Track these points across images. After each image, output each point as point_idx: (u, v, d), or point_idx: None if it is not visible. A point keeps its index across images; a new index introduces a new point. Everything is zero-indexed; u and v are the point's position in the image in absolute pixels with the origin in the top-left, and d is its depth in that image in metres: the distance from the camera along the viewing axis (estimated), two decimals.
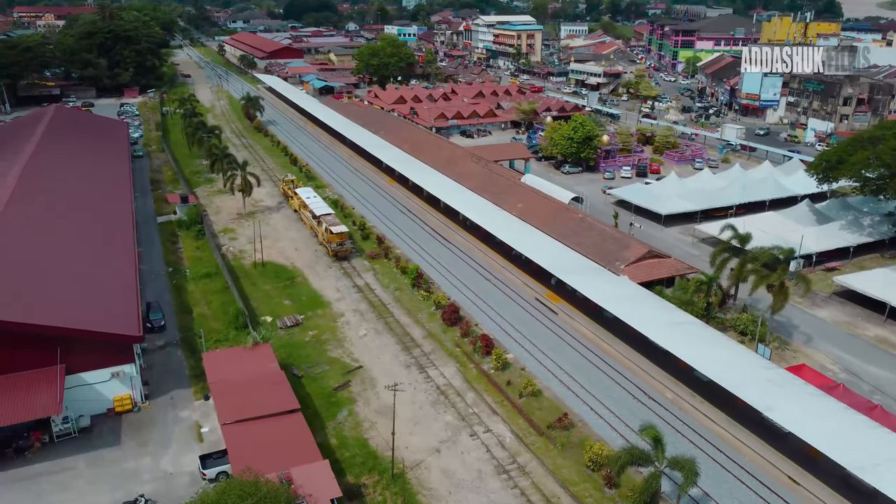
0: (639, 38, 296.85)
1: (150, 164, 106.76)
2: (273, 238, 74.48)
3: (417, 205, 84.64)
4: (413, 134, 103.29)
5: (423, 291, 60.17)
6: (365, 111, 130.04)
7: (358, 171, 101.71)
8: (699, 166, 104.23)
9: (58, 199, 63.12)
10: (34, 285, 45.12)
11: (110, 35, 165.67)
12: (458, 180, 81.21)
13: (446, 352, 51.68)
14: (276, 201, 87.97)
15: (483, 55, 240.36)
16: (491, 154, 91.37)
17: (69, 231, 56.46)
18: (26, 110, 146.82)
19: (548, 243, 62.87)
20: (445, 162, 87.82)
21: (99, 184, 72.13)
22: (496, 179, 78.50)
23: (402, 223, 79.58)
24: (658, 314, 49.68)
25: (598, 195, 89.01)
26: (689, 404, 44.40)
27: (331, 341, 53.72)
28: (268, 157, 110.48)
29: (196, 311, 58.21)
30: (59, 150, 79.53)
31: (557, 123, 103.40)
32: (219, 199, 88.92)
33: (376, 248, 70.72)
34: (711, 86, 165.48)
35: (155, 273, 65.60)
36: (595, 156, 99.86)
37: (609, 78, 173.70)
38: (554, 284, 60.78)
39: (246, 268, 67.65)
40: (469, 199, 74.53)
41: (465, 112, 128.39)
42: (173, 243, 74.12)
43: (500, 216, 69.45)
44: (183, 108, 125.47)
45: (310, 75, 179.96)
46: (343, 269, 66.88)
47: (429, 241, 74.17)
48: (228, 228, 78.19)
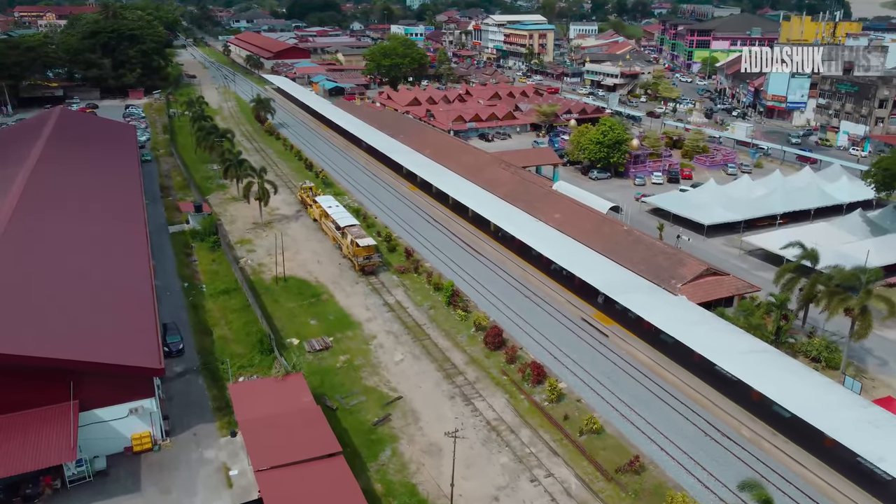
0: (649, 37, 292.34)
1: (158, 168, 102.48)
2: (293, 250, 70.13)
3: (443, 213, 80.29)
4: (434, 138, 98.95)
5: (460, 311, 55.82)
6: (380, 114, 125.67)
7: (376, 176, 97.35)
8: (732, 171, 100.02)
9: (65, 212, 58.78)
10: (41, 312, 40.78)
11: (114, 34, 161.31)
12: (486, 188, 76.85)
13: (493, 380, 47.32)
14: (294, 209, 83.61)
15: (493, 55, 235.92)
16: (517, 159, 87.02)
17: (78, 247, 52.10)
18: (29, 112, 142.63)
19: (593, 258, 58.53)
20: (471, 168, 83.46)
21: (108, 193, 67.78)
22: (528, 187, 74.15)
23: (428, 234, 75.20)
24: (726, 340, 45.35)
25: (630, 203, 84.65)
26: (769, 444, 40.03)
27: (365, 367, 49.37)
28: (281, 161, 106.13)
29: (216, 333, 53.88)
30: (65, 156, 75.19)
31: (584, 127, 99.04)
32: (233, 206, 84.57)
33: (405, 261, 66.35)
34: (732, 87, 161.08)
35: (169, 288, 61.27)
36: (625, 161, 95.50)
37: (626, 79, 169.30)
38: (601, 303, 56.47)
39: (266, 283, 63.29)
40: (501, 209, 70.19)
41: (483, 114, 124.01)
42: (187, 255, 69.80)
43: (537, 228, 65.11)
44: (191, 111, 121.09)
45: (319, 76, 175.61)
46: (371, 284, 62.52)
47: (459, 253, 69.82)
48: (245, 239, 73.83)
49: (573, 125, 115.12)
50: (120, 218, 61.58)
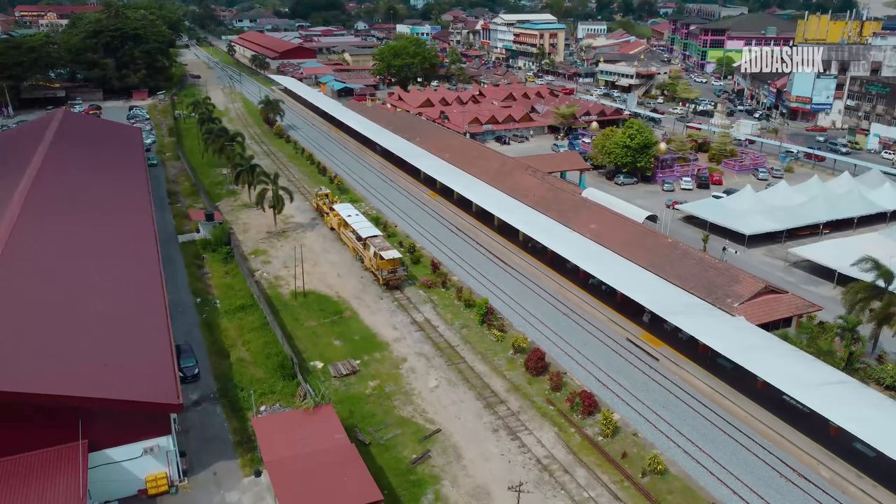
0: (658, 37, 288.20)
1: (165, 173, 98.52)
2: (311, 261, 66.09)
3: (467, 222, 76.27)
4: (452, 141, 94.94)
5: (495, 330, 51.82)
6: (393, 115, 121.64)
7: (394, 182, 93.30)
8: (763, 176, 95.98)
9: (69, 223, 54.89)
10: (45, 340, 36.82)
11: (117, 34, 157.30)
12: (513, 195, 72.86)
13: (538, 410, 43.33)
14: (309, 217, 79.60)
15: (502, 55, 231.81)
16: (542, 164, 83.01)
17: (85, 264, 48.19)
18: (30, 113, 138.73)
19: (636, 273, 54.52)
20: (496, 174, 79.45)
21: (115, 202, 63.86)
22: (558, 195, 70.16)
23: (453, 244, 71.16)
24: (794, 366, 41.33)
25: (661, 210, 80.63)
26: (855, 487, 36.05)
27: (397, 395, 45.39)
28: (292, 165, 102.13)
29: (233, 355, 49.89)
30: (69, 162, 71.32)
31: (609, 130, 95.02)
32: (245, 214, 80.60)
33: (431, 275, 62.31)
34: (752, 88, 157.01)
35: (181, 304, 57.29)
36: (652, 166, 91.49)
37: (641, 79, 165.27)
38: (647, 322, 52.50)
39: (285, 298, 59.29)
40: (532, 219, 66.20)
41: (499, 116, 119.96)
42: (199, 267, 65.85)
43: (573, 239, 61.11)
44: (198, 112, 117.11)
45: (327, 76, 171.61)
46: (396, 300, 58.51)
47: (487, 265, 65.80)
48: (260, 250, 69.84)
49: (595, 128, 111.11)
50: (128, 230, 57.67)
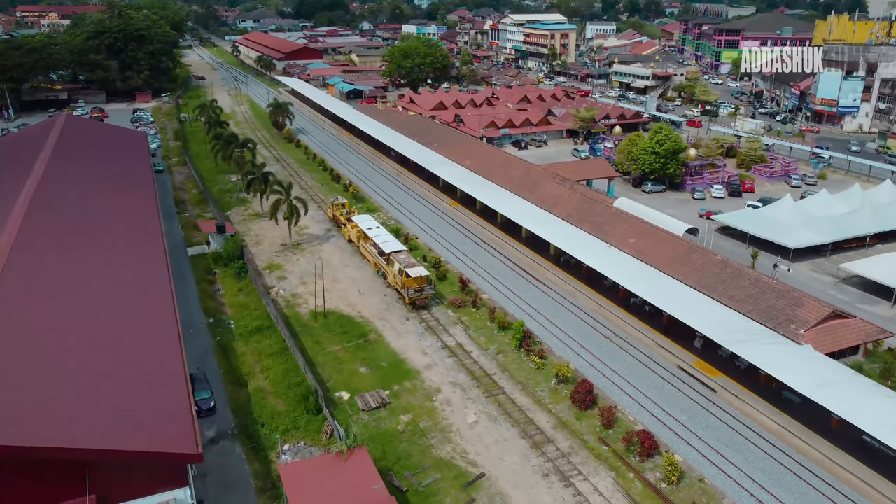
0: (668, 37, 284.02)
1: (171, 179, 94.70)
2: (329, 277, 62.04)
3: (493, 234, 72.24)
4: (472, 147, 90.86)
5: (534, 357, 47.79)
6: (406, 119, 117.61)
7: (411, 189, 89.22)
8: (796, 183, 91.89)
9: (73, 240, 50.94)
10: (45, 383, 32.76)
11: (120, 35, 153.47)
12: (543, 206, 68.81)
13: (590, 451, 39.28)
14: (324, 228, 75.60)
15: (511, 56, 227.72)
16: (569, 172, 78.93)
17: (90, 289, 44.12)
18: (31, 117, 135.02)
19: (685, 294, 50.49)
20: (521, 182, 75.40)
21: (121, 216, 59.82)
22: (592, 206, 66.09)
23: (480, 258, 67.11)
24: (874, 402, 37.29)
25: (693, 219, 76.65)
26: None
27: (433, 432, 41.37)
28: (304, 172, 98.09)
29: (252, 384, 45.94)
30: (72, 173, 67.27)
31: (635, 135, 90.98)
32: (256, 225, 76.63)
33: (460, 293, 58.29)
34: (772, 89, 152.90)
35: (193, 325, 53.33)
36: (682, 172, 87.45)
37: (658, 81, 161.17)
38: (699, 347, 48.49)
39: (303, 319, 55.29)
40: (565, 232, 62.15)
41: (516, 120, 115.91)
42: (210, 283, 61.91)
43: (613, 255, 57.06)
44: (205, 116, 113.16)
45: (335, 78, 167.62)
46: (424, 321, 54.49)
47: (518, 282, 61.74)
48: (274, 264, 65.83)
49: (618, 132, 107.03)
50: (137, 245, 53.64)
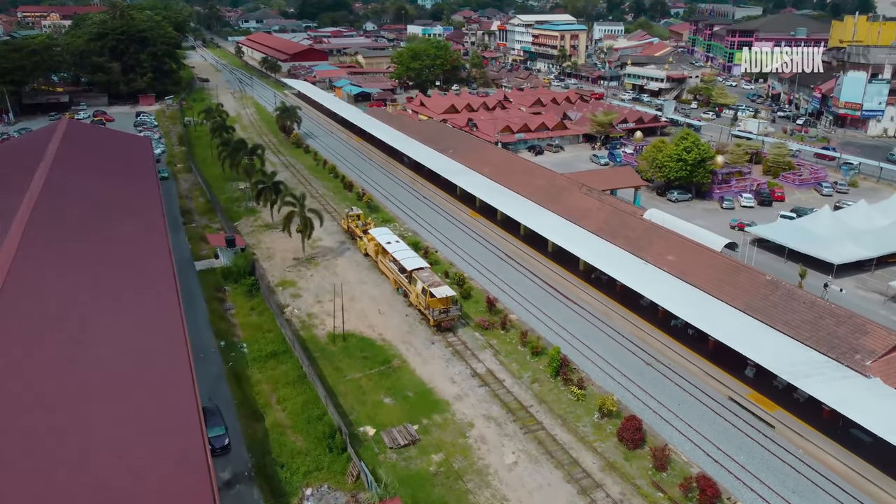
0: (677, 38, 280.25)
1: (177, 187, 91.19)
2: (347, 295, 58.43)
3: (516, 247, 68.64)
4: (490, 154, 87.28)
5: (573, 387, 44.22)
6: (419, 124, 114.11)
7: (427, 199, 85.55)
8: (828, 192, 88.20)
9: (76, 259, 47.46)
10: (43, 439, 29.23)
11: (123, 36, 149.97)
12: (570, 218, 65.24)
13: (646, 499, 35.68)
14: (338, 240, 72.05)
15: (520, 57, 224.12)
16: (594, 181, 75.33)
17: (93, 313, 40.65)
18: (32, 120, 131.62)
19: (733, 318, 46.93)
20: (545, 192, 71.81)
21: (126, 230, 56.35)
22: (624, 220, 62.50)
23: (506, 274, 63.48)
24: None
25: (724, 230, 73.07)
26: None
27: (468, 474, 37.79)
28: (314, 179, 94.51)
29: (269, 418, 42.43)
30: (73, 184, 63.80)
31: (659, 141, 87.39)
32: (267, 236, 73.11)
33: (487, 313, 54.72)
34: (790, 92, 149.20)
35: (203, 349, 49.83)
36: (710, 181, 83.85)
37: (672, 83, 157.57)
38: (750, 377, 44.94)
39: (322, 342, 51.75)
40: (598, 248, 58.58)
41: (532, 124, 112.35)
42: (221, 302, 58.41)
43: (651, 274, 53.51)
44: (210, 120, 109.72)
45: (342, 80, 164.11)
46: (450, 345, 50.94)
47: (548, 301, 58.09)
48: (288, 281, 62.28)
49: (639, 138, 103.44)
50: (143, 263, 50.21)
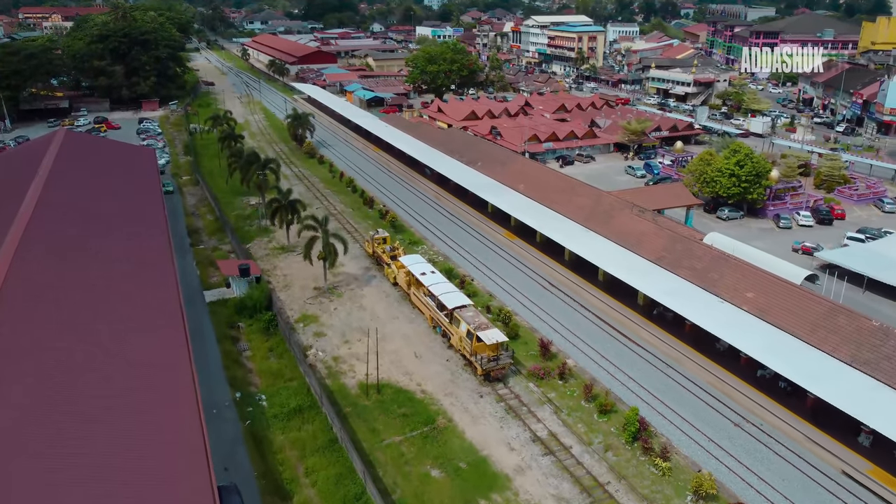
0: (693, 39, 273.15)
1: (183, 202, 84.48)
2: (372, 331, 51.56)
3: (562, 275, 61.53)
4: (524, 168, 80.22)
5: (657, 459, 37.24)
6: (442, 134, 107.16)
7: (456, 217, 78.48)
8: (890, 208, 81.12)
9: (67, 299, 40.56)
10: None
11: (125, 39, 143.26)
12: (624, 244, 58.24)
13: None
14: (362, 266, 65.13)
15: (535, 59, 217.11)
16: (642, 199, 68.29)
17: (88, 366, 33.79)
18: (30, 127, 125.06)
19: (839, 373, 39.97)
20: (591, 213, 64.81)
21: (128, 259, 49.48)
22: (687, 247, 55.44)
23: (555, 308, 56.25)
24: None
25: (786, 254, 66.14)
26: None
27: None
28: (331, 193, 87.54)
29: (297, 498, 35.59)
30: (69, 205, 56.80)
31: (707, 153, 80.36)
32: (283, 261, 66.28)
33: (540, 358, 47.75)
34: (825, 97, 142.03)
35: (216, 403, 43.11)
36: (765, 198, 76.85)
37: (699, 87, 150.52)
38: (867, 447, 37.96)
39: (352, 394, 44.84)
40: (660, 280, 51.63)
41: (560, 133, 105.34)
42: (234, 340, 51.62)
43: (728, 314, 46.55)
44: (218, 129, 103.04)
45: (353, 84, 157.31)
46: (501, 398, 43.99)
47: (609, 343, 50.94)
48: (309, 315, 55.35)
49: (679, 148, 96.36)
50: (147, 298, 43.36)
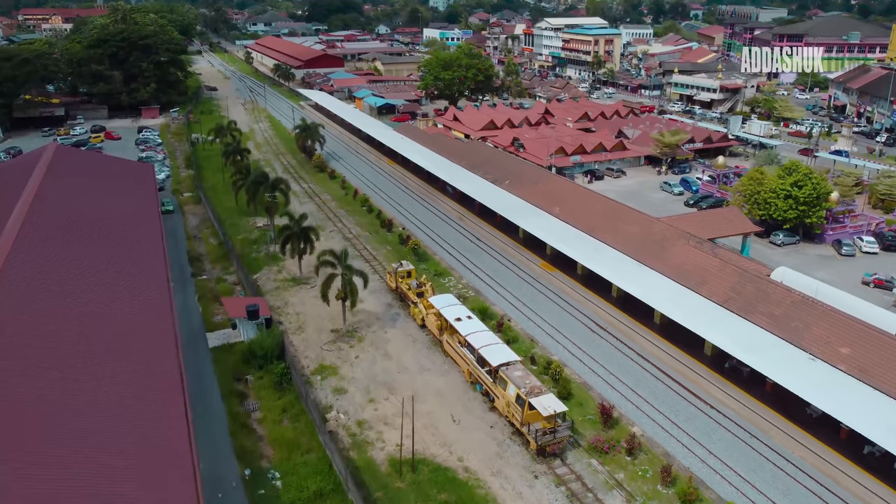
0: (708, 41, 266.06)
1: (184, 223, 77.73)
2: (405, 386, 44.75)
3: (610, 315, 54.36)
4: (557, 187, 73.08)
5: None
6: (462, 146, 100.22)
7: (484, 243, 71.19)
8: None
9: (45, 349, 33.69)
10: None
11: (124, 43, 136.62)
12: (683, 281, 51.22)
13: None
14: (383, 302, 58.18)
15: (548, 63, 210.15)
16: (694, 226, 61.21)
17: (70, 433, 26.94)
18: (23, 136, 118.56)
19: None
20: (641, 243, 57.78)
21: (120, 301, 42.61)
22: (759, 287, 48.37)
23: (610, 359, 49.04)
24: None
25: (855, 287, 59.27)
26: None
27: None
28: (344, 214, 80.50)
29: None
30: (53, 238, 50.02)
31: (757, 171, 73.39)
32: (294, 295, 59.40)
33: (600, 425, 40.71)
34: (859, 104, 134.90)
35: (221, 484, 36.36)
36: (825, 222, 69.87)
37: (726, 94, 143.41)
38: None
39: (381, 472, 37.89)
40: (732, 328, 44.62)
41: (587, 145, 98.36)
42: (241, 398, 44.76)
43: (822, 374, 39.56)
44: (222, 142, 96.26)
45: (362, 90, 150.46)
46: (561, 479, 36.96)
47: (677, 404, 43.78)
48: (327, 366, 48.36)
49: (721, 163, 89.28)
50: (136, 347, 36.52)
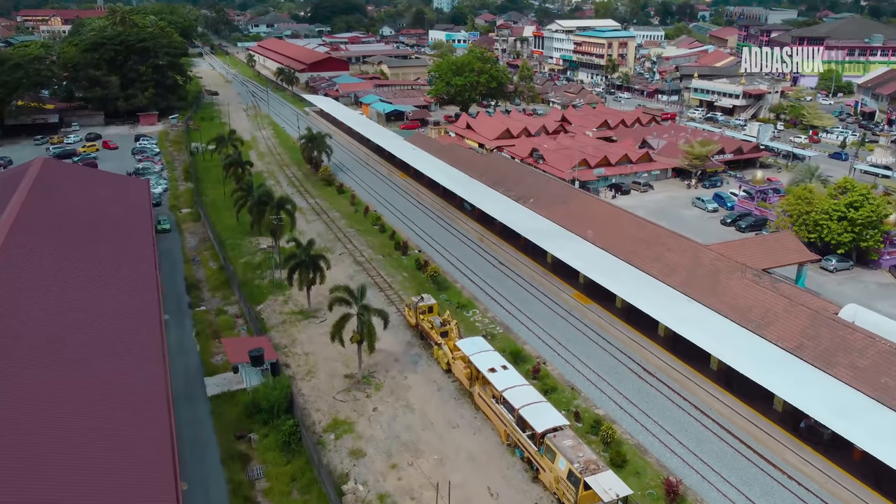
0: (720, 44, 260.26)
1: (182, 244, 71.85)
2: (432, 450, 38.88)
3: (658, 358, 48.29)
4: (589, 208, 67.03)
5: None
6: (478, 158, 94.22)
7: (509, 269, 64.85)
8: None
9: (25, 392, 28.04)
10: None
11: (122, 47, 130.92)
12: (744, 323, 45.27)
13: None
14: (402, 340, 52.20)
15: (559, 66, 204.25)
16: (744, 255, 55.16)
17: None
18: (14, 145, 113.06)
19: None
20: (691, 275, 51.78)
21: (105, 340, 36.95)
22: (840, 334, 42.32)
23: (663, 414, 42.93)
24: None
25: None
26: None
27: None
28: (354, 234, 74.46)
29: None
30: (33, 265, 44.44)
31: (805, 190, 67.43)
32: (302, 331, 53.48)
33: (661, 498, 34.77)
34: (890, 110, 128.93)
35: None
36: (882, 246, 63.92)
37: (749, 100, 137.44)
38: None
39: None
40: (807, 382, 38.67)
41: (612, 156, 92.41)
42: (244, 461, 38.83)
43: None
44: (222, 153, 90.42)
45: (369, 95, 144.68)
46: None
47: (757, 479, 37.67)
48: (342, 421, 42.41)
49: (759, 179, 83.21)
50: (120, 404, 30.86)
